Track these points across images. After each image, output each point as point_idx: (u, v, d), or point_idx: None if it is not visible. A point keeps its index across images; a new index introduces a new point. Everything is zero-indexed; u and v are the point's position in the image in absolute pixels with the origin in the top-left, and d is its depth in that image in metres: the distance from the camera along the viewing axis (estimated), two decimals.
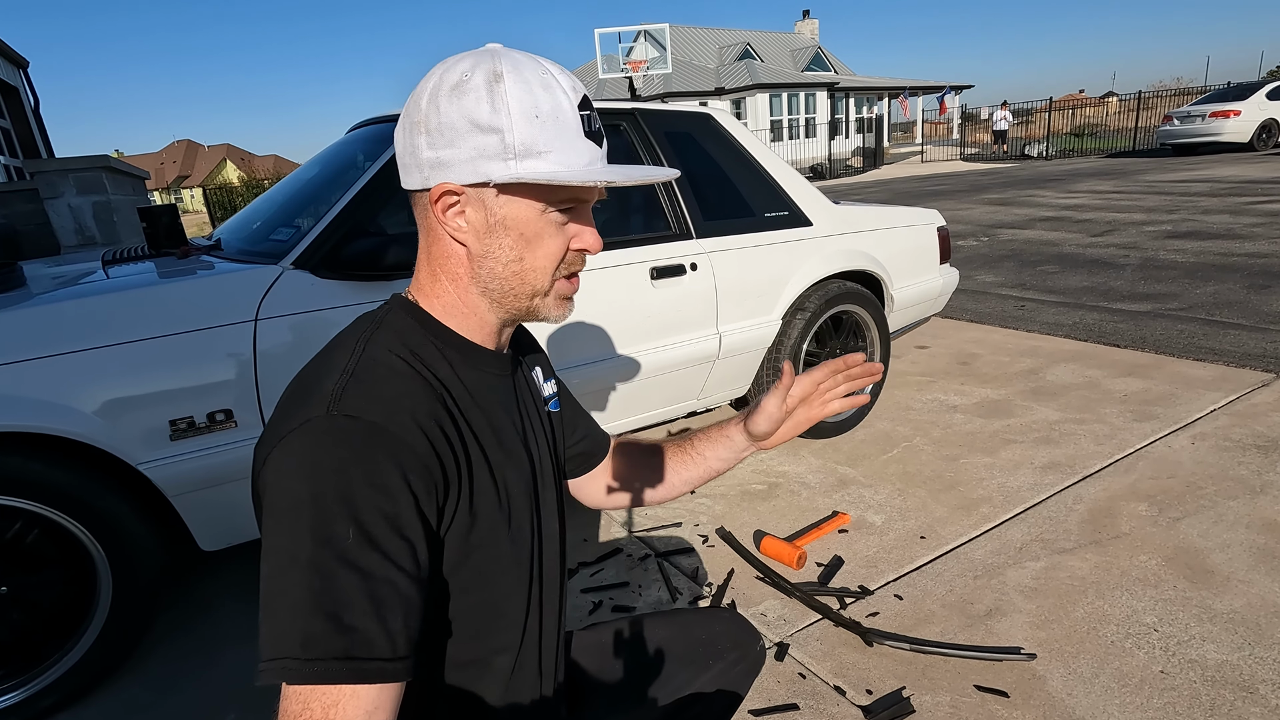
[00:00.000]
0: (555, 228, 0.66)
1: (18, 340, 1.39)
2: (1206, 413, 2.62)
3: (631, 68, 16.74)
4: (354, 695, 0.52)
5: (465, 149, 0.61)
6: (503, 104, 0.60)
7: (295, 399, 0.61)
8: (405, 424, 0.59)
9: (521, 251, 0.65)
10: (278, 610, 0.53)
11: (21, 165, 8.30)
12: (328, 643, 0.51)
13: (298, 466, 0.55)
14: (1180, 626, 1.54)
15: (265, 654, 0.52)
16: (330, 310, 1.65)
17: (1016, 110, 21.17)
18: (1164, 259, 5.32)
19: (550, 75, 0.62)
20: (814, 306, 2.47)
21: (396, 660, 0.54)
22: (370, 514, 0.55)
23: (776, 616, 1.69)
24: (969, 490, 2.21)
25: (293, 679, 0.51)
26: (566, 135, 0.62)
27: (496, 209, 0.64)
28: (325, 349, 0.68)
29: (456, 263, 0.67)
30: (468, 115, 0.61)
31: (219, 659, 1.66)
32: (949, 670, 1.47)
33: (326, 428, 0.57)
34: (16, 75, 9.15)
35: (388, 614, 0.54)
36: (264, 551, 0.55)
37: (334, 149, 2.35)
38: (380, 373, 0.62)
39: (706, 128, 2.45)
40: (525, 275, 0.66)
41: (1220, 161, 12.20)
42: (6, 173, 8.21)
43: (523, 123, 0.60)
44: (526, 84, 0.61)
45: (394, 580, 0.55)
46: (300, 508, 0.54)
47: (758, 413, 0.89)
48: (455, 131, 0.61)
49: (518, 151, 0.61)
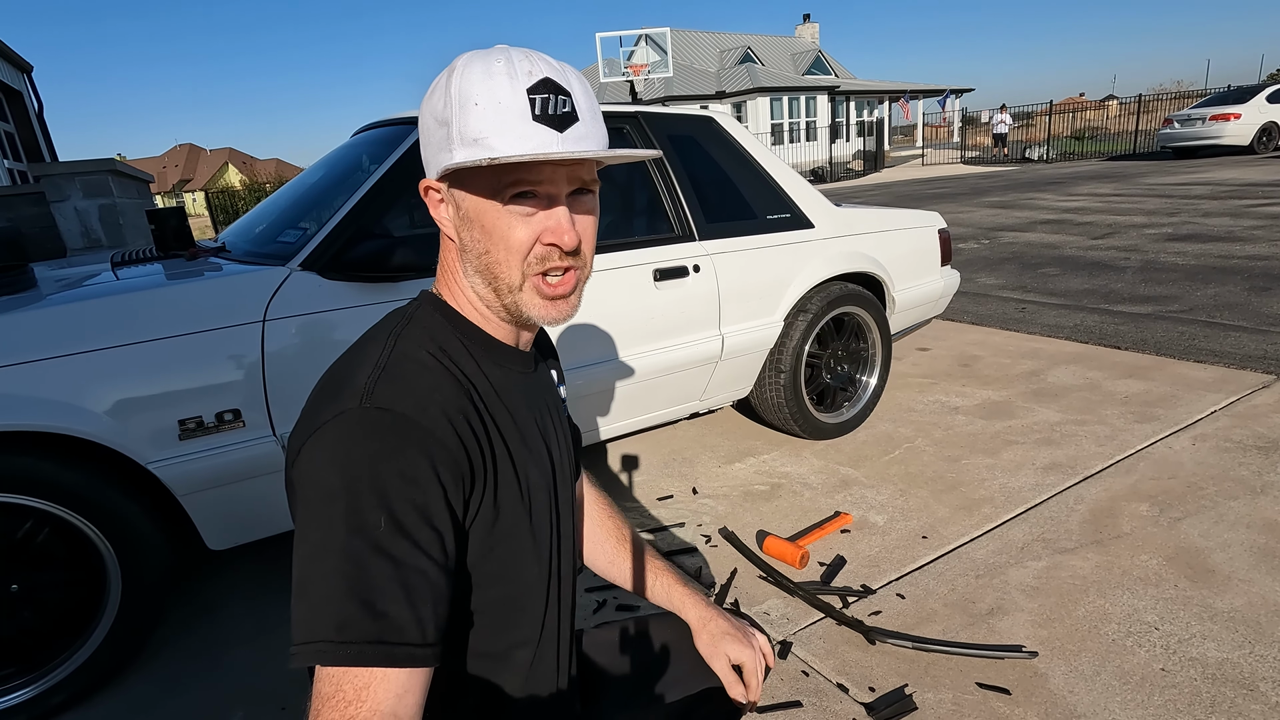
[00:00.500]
0: (517, 219, 0.64)
1: (30, 341, 1.40)
2: (1207, 414, 2.63)
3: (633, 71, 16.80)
4: (385, 678, 0.53)
5: (432, 145, 0.65)
6: (452, 96, 0.62)
7: (328, 392, 0.63)
8: (435, 417, 0.60)
9: (486, 244, 0.65)
10: (312, 596, 0.54)
11: (26, 169, 8.33)
12: (361, 627, 0.53)
13: (331, 458, 0.57)
14: (1181, 625, 1.55)
15: (299, 637, 0.54)
16: (337, 311, 1.67)
17: (1016, 113, 21.18)
18: (1165, 261, 5.34)
19: (499, 64, 0.61)
20: (816, 308, 2.48)
21: (426, 646, 0.56)
22: (402, 504, 0.56)
23: (780, 615, 1.70)
24: (971, 490, 2.22)
25: (326, 661, 0.53)
26: (507, 120, 0.60)
27: (460, 201, 0.66)
28: (356, 343, 0.69)
29: (453, 255, 0.70)
30: (432, 112, 0.64)
31: (225, 659, 1.67)
32: (951, 668, 1.48)
33: (359, 420, 0.58)
34: (20, 79, 9.19)
35: (418, 601, 0.55)
36: (297, 539, 0.57)
37: (340, 152, 2.36)
38: (411, 368, 0.64)
39: (709, 130, 2.47)
40: (493, 268, 0.66)
41: (1221, 164, 12.21)
42: (10, 176, 8.25)
43: (461, 112, 0.61)
44: (469, 76, 0.61)
45: (424, 569, 0.56)
46: (334, 497, 0.56)
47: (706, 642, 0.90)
48: (427, 130, 0.65)
49: (463, 140, 0.61)
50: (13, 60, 8.86)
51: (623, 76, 16.67)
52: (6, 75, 8.62)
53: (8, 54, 8.60)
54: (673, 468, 2.55)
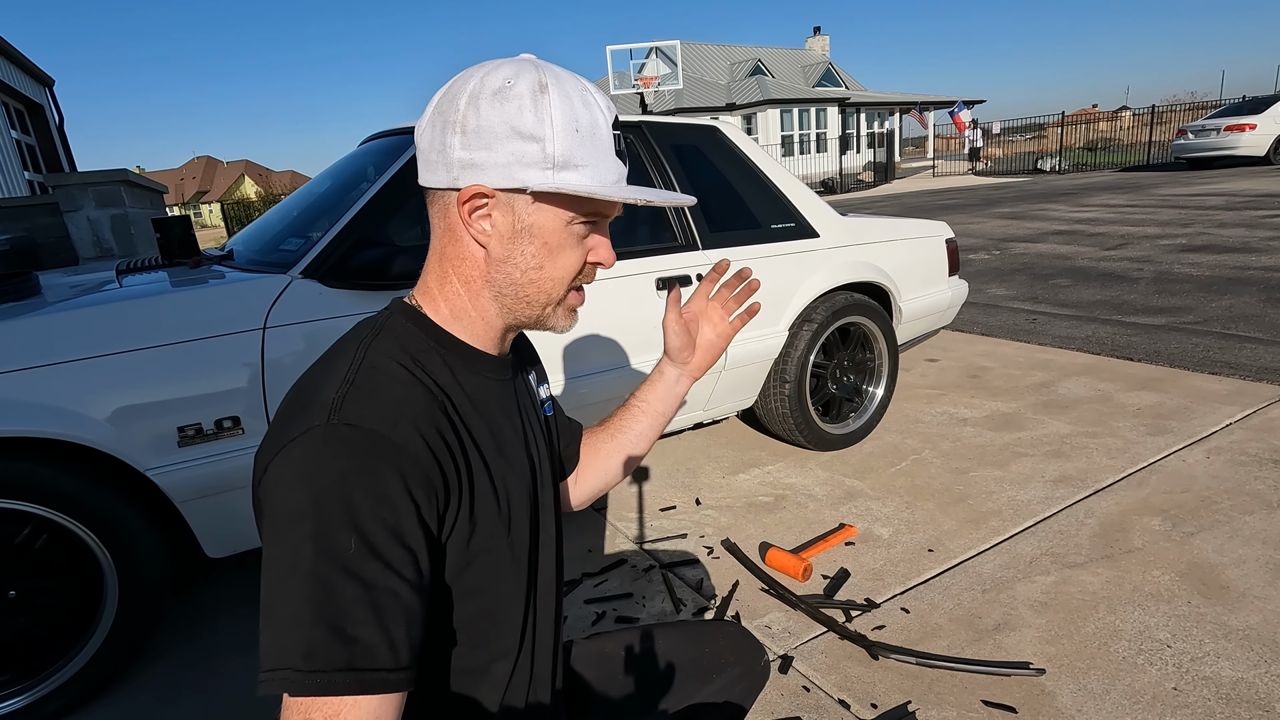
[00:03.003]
0: (576, 240, 0.67)
1: (31, 347, 1.41)
2: (1222, 427, 2.58)
3: (643, 84, 16.91)
4: (356, 706, 0.52)
5: (503, 153, 0.61)
6: (546, 114, 0.61)
7: (296, 407, 0.61)
8: (407, 432, 0.59)
9: (543, 260, 0.66)
10: (279, 620, 0.53)
11: (45, 180, 8.47)
12: (330, 654, 0.51)
13: (299, 476, 0.55)
14: (1194, 643, 1.51)
15: (266, 664, 0.52)
16: (337, 319, 1.67)
17: (1027, 125, 21.13)
18: (1178, 272, 5.27)
19: (589, 93, 0.64)
20: (821, 318, 2.46)
21: (399, 670, 0.54)
22: (372, 524, 0.55)
23: (781, 629, 1.67)
24: (978, 503, 2.18)
25: (294, 690, 0.51)
26: (600, 151, 0.64)
27: (525, 215, 0.64)
28: (325, 355, 0.68)
29: (472, 265, 0.67)
30: (509, 121, 0.61)
31: (221, 668, 1.66)
32: (956, 685, 1.45)
33: (327, 437, 0.56)
34: (42, 93, 9.38)
35: (390, 624, 0.54)
36: (264, 561, 0.55)
37: (346, 161, 2.38)
38: (381, 380, 0.62)
39: (713, 140, 2.47)
40: (542, 284, 0.67)
41: (1236, 175, 12.10)
42: (31, 188, 8.39)
43: (564, 134, 0.61)
44: (569, 98, 0.62)
45: (396, 590, 0.55)
46: (302, 517, 0.54)
47: (666, 334, 0.93)
48: (494, 135, 0.61)
49: (557, 162, 0.62)
50: (34, 74, 9.04)
51: (633, 89, 16.77)
52: (28, 89, 8.80)
53: (29, 68, 8.78)
54: (676, 478, 2.53)
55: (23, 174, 8.15)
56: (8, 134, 7.82)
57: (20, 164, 8.19)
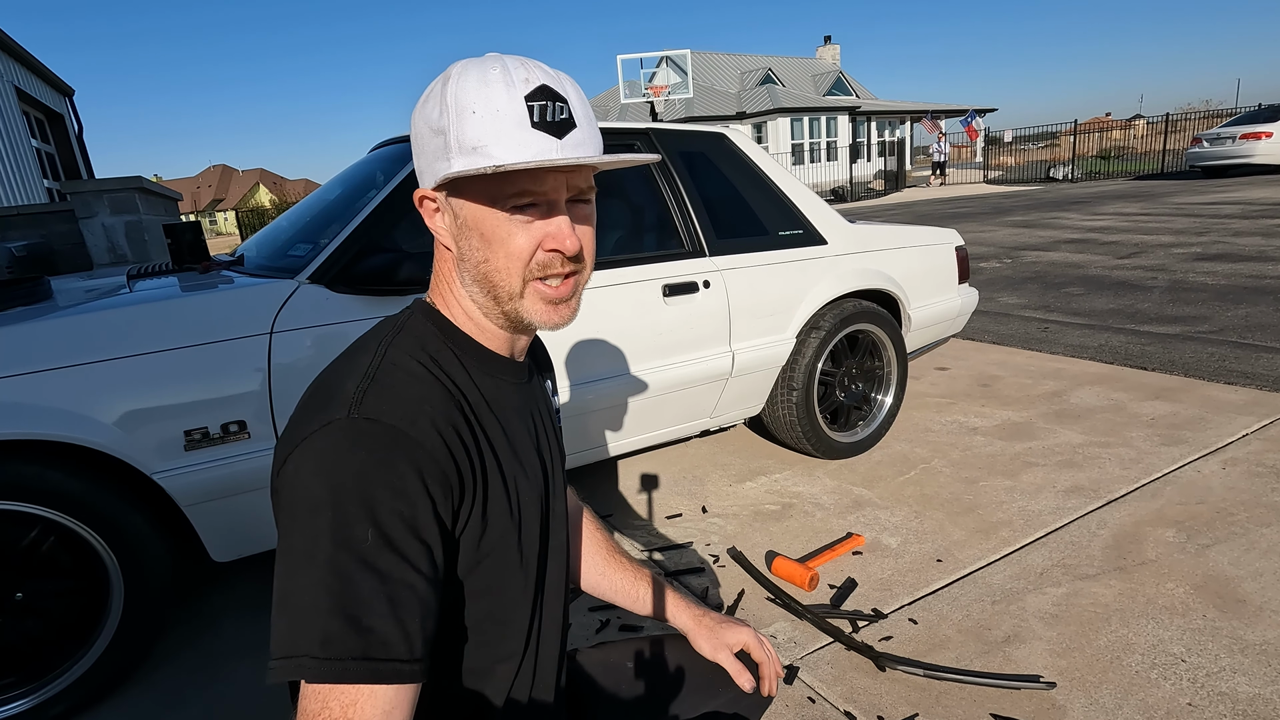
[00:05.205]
0: (518, 226, 0.63)
1: (41, 350, 1.42)
2: (1238, 437, 2.54)
3: (653, 92, 16.99)
4: (371, 695, 0.52)
5: (427, 154, 0.64)
6: (449, 104, 0.61)
7: (316, 401, 0.62)
8: (424, 428, 0.59)
9: (485, 251, 0.64)
10: (295, 608, 0.53)
11: (61, 188, 8.60)
12: (346, 643, 0.52)
13: (318, 468, 0.56)
14: (1209, 657, 1.48)
15: (279, 651, 0.52)
16: (344, 324, 1.68)
17: (1039, 134, 21.00)
18: (1193, 281, 5.21)
19: (494, 71, 0.61)
20: (829, 325, 2.45)
21: (413, 662, 0.55)
22: (389, 517, 0.55)
23: (787, 639, 1.65)
24: (988, 513, 2.16)
25: (311, 677, 0.52)
26: (505, 127, 0.60)
27: (458, 209, 0.65)
28: (346, 352, 0.68)
29: (449, 265, 0.69)
30: (428, 121, 0.63)
31: (226, 673, 1.66)
32: (964, 698, 1.42)
33: (347, 430, 0.57)
34: (62, 102, 9.54)
35: (405, 616, 0.55)
36: (280, 550, 0.56)
37: (355, 168, 2.40)
38: (400, 377, 0.63)
39: (720, 147, 2.46)
40: (492, 275, 0.65)
41: (1252, 184, 11.96)
42: (50, 195, 8.52)
43: (458, 120, 0.60)
44: (466, 83, 0.61)
45: (411, 583, 0.56)
46: (320, 509, 0.55)
47: (705, 638, 0.90)
48: (421, 138, 0.64)
49: (461, 148, 0.61)
50: (55, 84, 9.20)
51: (643, 97, 16.85)
52: (48, 98, 8.95)
53: (50, 78, 8.93)
54: (682, 486, 2.52)
55: (42, 182, 8.27)
56: (28, 143, 7.95)
57: (40, 172, 8.32)
